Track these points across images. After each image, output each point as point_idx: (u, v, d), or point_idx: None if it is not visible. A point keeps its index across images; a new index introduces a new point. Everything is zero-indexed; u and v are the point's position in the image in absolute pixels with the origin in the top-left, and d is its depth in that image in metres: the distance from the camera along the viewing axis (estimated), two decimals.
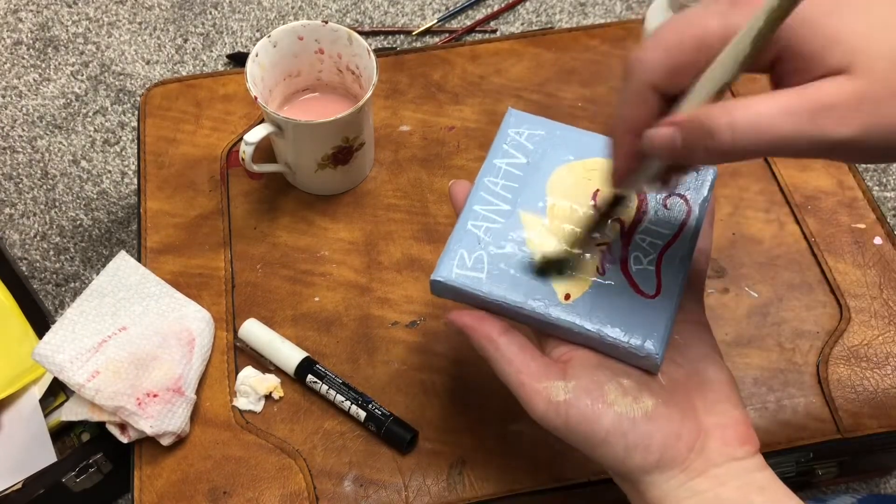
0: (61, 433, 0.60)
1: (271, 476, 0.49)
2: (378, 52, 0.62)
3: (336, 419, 0.51)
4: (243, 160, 0.55)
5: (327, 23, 0.57)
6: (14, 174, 0.77)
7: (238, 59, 0.84)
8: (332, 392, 0.50)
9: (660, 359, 0.37)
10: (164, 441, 0.49)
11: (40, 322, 0.63)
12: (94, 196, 0.76)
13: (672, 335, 0.39)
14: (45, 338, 0.50)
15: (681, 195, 0.42)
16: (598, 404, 0.36)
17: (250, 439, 0.50)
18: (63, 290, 0.71)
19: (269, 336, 0.53)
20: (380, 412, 0.50)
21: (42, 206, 0.75)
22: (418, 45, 0.87)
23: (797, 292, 0.56)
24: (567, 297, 0.39)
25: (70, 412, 0.50)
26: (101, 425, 0.50)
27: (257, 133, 0.54)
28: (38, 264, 0.72)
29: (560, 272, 0.40)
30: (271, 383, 0.52)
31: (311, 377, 0.51)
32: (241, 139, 0.55)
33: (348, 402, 0.50)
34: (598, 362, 0.38)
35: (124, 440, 0.50)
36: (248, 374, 0.52)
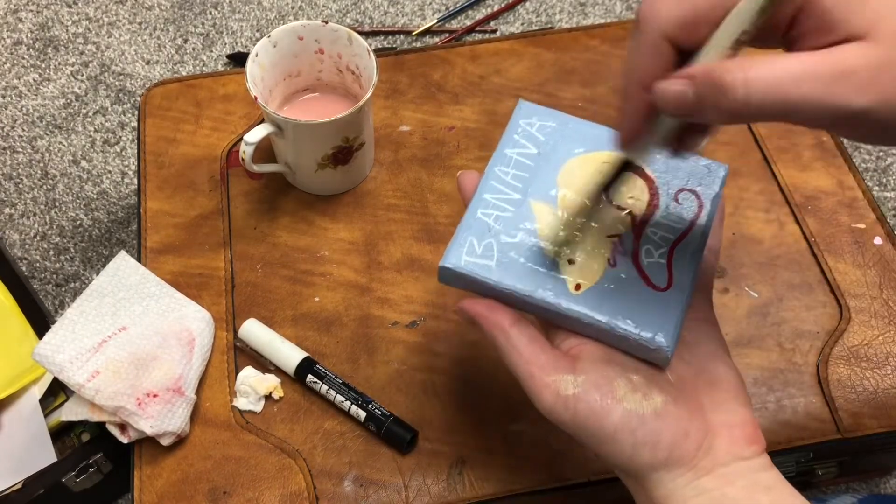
0: (61, 433, 0.60)
1: (271, 476, 0.49)
2: (378, 52, 0.62)
3: (336, 419, 0.51)
4: (243, 160, 0.55)
5: (327, 23, 0.57)
6: (14, 174, 0.77)
7: (238, 59, 0.84)
8: (332, 392, 0.50)
9: (670, 352, 0.37)
10: (164, 441, 0.49)
11: (40, 322, 0.63)
12: (94, 196, 0.76)
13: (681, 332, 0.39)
14: (45, 338, 0.50)
15: (692, 190, 0.42)
16: (607, 400, 0.35)
17: (250, 439, 0.50)
18: (63, 290, 0.71)
19: (269, 336, 0.53)
20: (380, 412, 0.50)
21: (42, 206, 0.75)
22: (418, 45, 0.87)
23: (797, 292, 0.56)
24: (577, 287, 0.38)
25: (70, 412, 0.51)
26: (101, 425, 0.50)
27: (257, 133, 0.54)
28: (38, 264, 0.72)
29: (570, 249, 0.39)
30: (271, 383, 0.52)
31: (311, 377, 0.51)
32: (241, 139, 0.55)
33: (348, 402, 0.50)
34: (608, 357, 0.38)
35: (124, 440, 0.50)
36: (248, 374, 0.52)
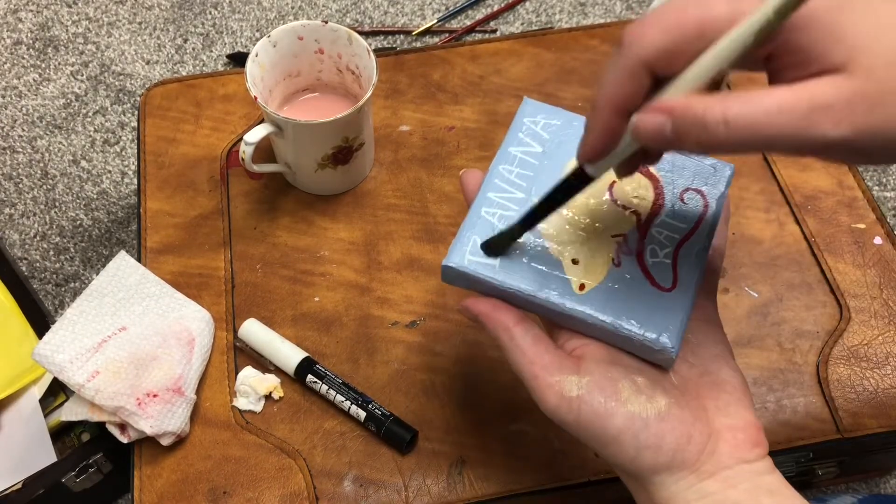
0: (61, 433, 0.60)
1: (271, 476, 0.49)
2: (378, 52, 0.62)
3: (336, 419, 0.51)
4: (243, 160, 0.55)
5: (327, 23, 0.57)
6: (14, 174, 0.77)
7: (238, 59, 0.84)
8: (332, 392, 0.50)
9: (675, 353, 0.36)
10: (164, 441, 0.49)
11: (40, 322, 0.63)
12: (94, 196, 0.76)
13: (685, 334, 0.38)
14: (45, 338, 0.50)
15: (697, 190, 0.41)
16: (611, 402, 0.35)
17: (250, 439, 0.50)
18: (63, 290, 0.71)
19: (269, 336, 0.53)
20: (380, 412, 0.50)
21: (42, 206, 0.75)
22: (418, 45, 0.87)
23: (797, 292, 0.56)
24: (582, 287, 0.38)
25: (70, 412, 0.50)
26: (101, 425, 0.50)
27: (257, 133, 0.54)
28: (38, 264, 0.72)
29: (574, 248, 0.39)
30: (271, 383, 0.52)
31: (310, 377, 0.51)
32: (241, 139, 0.55)
33: (348, 402, 0.50)
34: (612, 357, 0.37)
35: (124, 440, 0.50)
36: (248, 374, 0.52)
